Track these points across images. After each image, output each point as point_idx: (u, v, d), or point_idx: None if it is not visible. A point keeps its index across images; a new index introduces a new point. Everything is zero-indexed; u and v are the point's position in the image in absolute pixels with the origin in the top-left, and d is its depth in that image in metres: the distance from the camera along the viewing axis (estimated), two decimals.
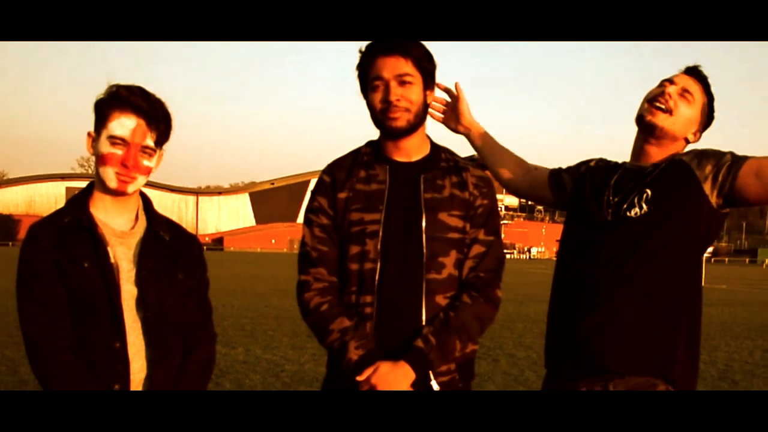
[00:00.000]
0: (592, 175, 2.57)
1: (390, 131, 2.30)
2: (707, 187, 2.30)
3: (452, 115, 2.83)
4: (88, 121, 2.19)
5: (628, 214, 2.34)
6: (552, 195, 2.73)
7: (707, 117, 2.52)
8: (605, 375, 2.29)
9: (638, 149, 2.51)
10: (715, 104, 2.51)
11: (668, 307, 2.30)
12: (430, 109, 2.73)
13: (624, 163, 2.55)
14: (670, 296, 2.31)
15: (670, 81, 2.47)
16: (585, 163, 2.68)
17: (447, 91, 2.79)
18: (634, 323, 2.28)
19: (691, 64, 2.52)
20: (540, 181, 2.77)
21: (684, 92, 2.44)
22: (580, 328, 2.34)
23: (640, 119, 2.46)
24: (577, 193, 2.58)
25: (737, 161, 2.29)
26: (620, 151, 2.67)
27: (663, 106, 2.42)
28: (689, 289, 2.35)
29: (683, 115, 2.44)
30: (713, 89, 2.51)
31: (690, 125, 2.47)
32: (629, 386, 2.26)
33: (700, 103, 2.47)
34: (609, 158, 2.66)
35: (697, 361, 2.41)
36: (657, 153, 2.46)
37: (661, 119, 2.42)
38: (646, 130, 2.46)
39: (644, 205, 2.32)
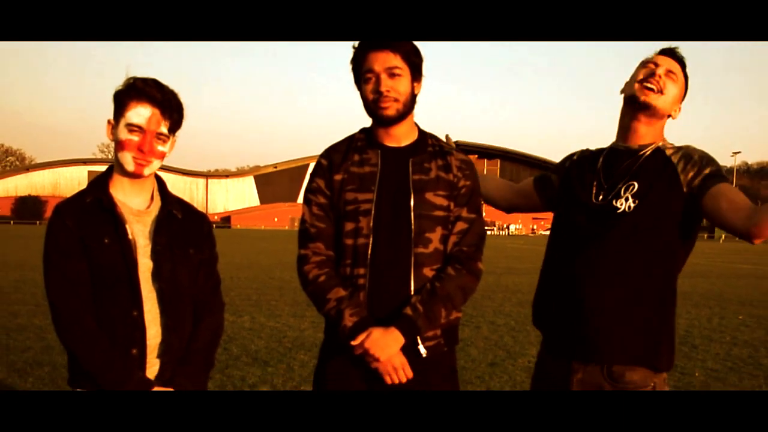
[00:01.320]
0: (578, 164, 2.55)
1: (381, 119, 2.31)
2: (686, 191, 2.25)
3: None
4: (107, 110, 2.20)
5: (614, 203, 2.31)
6: (540, 197, 2.70)
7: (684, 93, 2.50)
8: (602, 364, 2.27)
9: (626, 126, 2.45)
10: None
11: (656, 299, 2.29)
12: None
13: (611, 144, 2.51)
14: (658, 290, 2.29)
15: (655, 63, 2.42)
16: (568, 158, 2.64)
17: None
18: (626, 317, 2.26)
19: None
20: (527, 190, 2.76)
21: (669, 73, 2.41)
22: (573, 320, 2.32)
23: (634, 99, 2.40)
24: (565, 183, 2.55)
25: (711, 178, 2.23)
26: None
27: (655, 87, 2.38)
28: (672, 282, 2.33)
29: (671, 94, 2.40)
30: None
31: (675, 103, 2.44)
32: (620, 374, 2.26)
33: (681, 81, 2.45)
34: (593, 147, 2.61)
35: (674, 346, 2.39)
36: (646, 130, 2.42)
37: (653, 99, 2.37)
38: (641, 109, 2.39)
39: (630, 198, 2.29)
